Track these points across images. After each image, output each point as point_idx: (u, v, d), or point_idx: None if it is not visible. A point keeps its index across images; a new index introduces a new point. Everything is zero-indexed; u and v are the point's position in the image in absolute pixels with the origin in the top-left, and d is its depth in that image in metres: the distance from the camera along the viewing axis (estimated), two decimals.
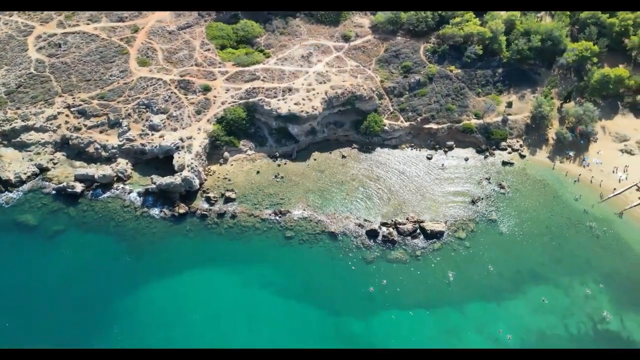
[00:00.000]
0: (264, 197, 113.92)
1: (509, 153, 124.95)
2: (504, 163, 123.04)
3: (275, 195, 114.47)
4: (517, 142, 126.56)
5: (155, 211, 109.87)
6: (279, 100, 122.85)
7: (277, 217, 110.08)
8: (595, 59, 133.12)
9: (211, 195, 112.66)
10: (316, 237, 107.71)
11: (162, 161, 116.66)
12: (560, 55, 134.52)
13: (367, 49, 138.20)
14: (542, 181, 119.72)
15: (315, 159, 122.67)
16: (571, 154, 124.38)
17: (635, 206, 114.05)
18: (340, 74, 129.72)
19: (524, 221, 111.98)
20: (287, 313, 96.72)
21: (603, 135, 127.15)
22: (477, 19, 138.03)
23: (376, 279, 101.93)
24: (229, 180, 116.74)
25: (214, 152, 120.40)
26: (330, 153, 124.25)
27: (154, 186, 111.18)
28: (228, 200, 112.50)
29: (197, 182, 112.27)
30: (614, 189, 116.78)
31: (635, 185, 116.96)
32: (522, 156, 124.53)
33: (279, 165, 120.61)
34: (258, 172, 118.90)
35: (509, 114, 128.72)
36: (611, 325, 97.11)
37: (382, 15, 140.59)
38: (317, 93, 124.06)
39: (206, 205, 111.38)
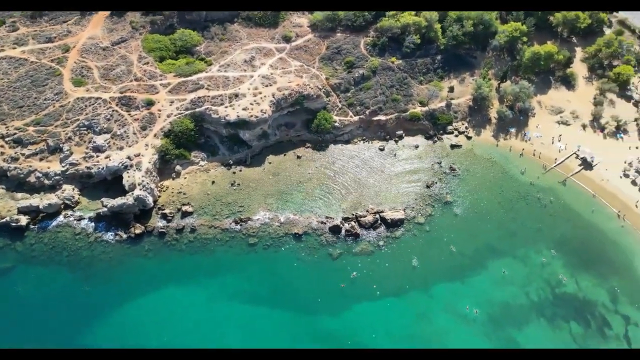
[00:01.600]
0: (222, 207, 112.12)
1: (456, 136, 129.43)
2: (453, 146, 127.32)
3: (234, 203, 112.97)
4: (463, 124, 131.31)
5: (109, 235, 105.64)
6: (226, 107, 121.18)
7: (239, 226, 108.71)
8: (524, 39, 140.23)
9: (167, 211, 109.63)
10: (280, 241, 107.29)
11: (111, 182, 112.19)
12: (492, 38, 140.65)
13: (309, 48, 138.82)
14: (489, 159, 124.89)
15: (270, 163, 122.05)
16: (513, 130, 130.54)
17: (576, 173, 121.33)
18: (285, 75, 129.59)
19: (477, 199, 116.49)
20: (260, 320, 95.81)
21: (540, 110, 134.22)
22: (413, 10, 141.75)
23: (345, 274, 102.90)
24: (184, 194, 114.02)
25: (165, 167, 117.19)
26: (284, 155, 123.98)
27: (105, 209, 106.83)
28: (185, 214, 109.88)
29: (150, 199, 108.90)
30: (555, 159, 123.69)
31: (574, 153, 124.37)
32: (469, 137, 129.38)
33: (234, 172, 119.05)
34: (213, 182, 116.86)
35: (452, 99, 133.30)
36: (568, 287, 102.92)
37: (319, 14, 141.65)
38: (265, 96, 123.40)
39: (163, 223, 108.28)
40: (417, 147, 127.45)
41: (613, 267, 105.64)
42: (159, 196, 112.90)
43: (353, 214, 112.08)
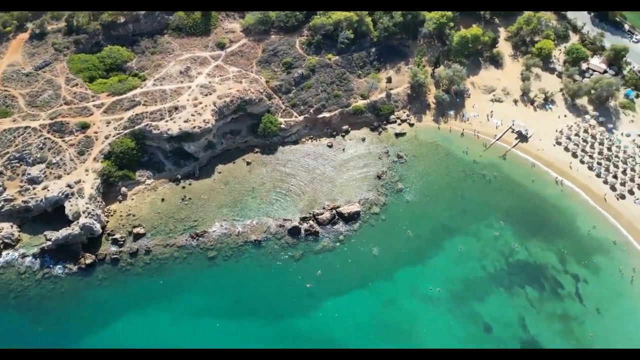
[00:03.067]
0: (175, 224, 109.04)
1: (399, 124, 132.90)
2: (397, 134, 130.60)
3: (188, 218, 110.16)
4: (404, 112, 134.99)
5: (58, 270, 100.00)
6: (166, 121, 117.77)
7: (195, 241, 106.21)
8: (451, 24, 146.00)
9: (118, 236, 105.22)
10: (240, 250, 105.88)
11: (52, 214, 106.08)
12: (421, 26, 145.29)
13: (244, 52, 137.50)
14: (433, 143, 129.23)
15: (220, 172, 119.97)
16: (451, 112, 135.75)
17: (514, 147, 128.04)
18: (224, 82, 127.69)
19: (426, 183, 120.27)
20: (230, 333, 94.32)
21: (474, 90, 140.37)
22: None
23: (310, 273, 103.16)
24: (134, 215, 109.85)
25: (110, 190, 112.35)
26: (233, 163, 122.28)
27: (49, 243, 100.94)
28: (137, 236, 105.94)
29: (98, 226, 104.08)
30: (495, 135, 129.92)
31: (510, 128, 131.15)
32: (411, 124, 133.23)
33: (183, 187, 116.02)
34: (163, 199, 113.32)
35: (391, 89, 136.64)
36: (520, 255, 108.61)
37: (251, 17, 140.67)
38: (206, 106, 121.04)
39: (115, 248, 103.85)
40: (363, 139, 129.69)
41: (558, 230, 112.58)
42: (107, 221, 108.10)
43: (310, 213, 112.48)
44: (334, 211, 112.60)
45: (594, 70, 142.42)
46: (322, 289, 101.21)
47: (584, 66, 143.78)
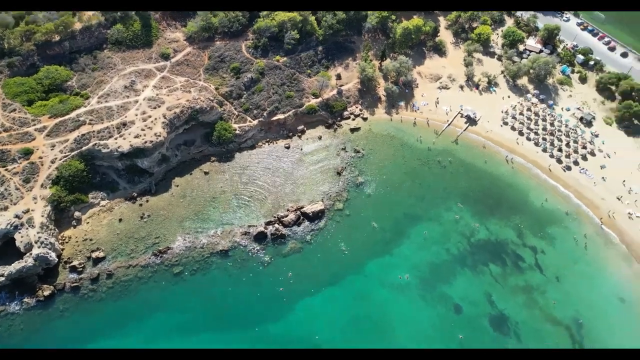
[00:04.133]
0: (136, 243, 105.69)
1: (353, 119, 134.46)
2: (352, 130, 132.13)
3: (149, 236, 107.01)
4: (357, 107, 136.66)
5: (14, 306, 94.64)
6: (116, 138, 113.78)
7: (159, 258, 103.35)
8: (393, 17, 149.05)
9: (76, 263, 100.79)
10: (207, 262, 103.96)
11: (2, 248, 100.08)
12: (364, 21, 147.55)
13: (190, 61, 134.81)
14: (387, 135, 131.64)
15: (177, 186, 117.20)
16: (402, 103, 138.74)
17: (464, 130, 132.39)
18: (172, 93, 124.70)
19: (385, 174, 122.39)
20: (205, 347, 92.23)
21: (421, 80, 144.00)
22: None
23: (281, 277, 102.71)
24: (91, 239, 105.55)
25: (62, 216, 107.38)
26: (191, 174, 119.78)
27: (2, 279, 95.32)
28: (97, 261, 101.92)
29: (53, 255, 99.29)
30: (446, 122, 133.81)
31: (459, 113, 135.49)
32: (365, 119, 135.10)
33: (140, 205, 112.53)
34: (120, 219, 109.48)
35: (341, 85, 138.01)
36: (480, 234, 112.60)
37: (194, 24, 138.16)
38: (155, 119, 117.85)
39: (74, 276, 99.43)
40: (320, 138, 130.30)
41: (513, 206, 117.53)
42: (63, 249, 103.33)
43: (275, 217, 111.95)
44: (298, 212, 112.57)
45: (530, 51, 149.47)
46: (295, 291, 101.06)
47: (521, 48, 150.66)
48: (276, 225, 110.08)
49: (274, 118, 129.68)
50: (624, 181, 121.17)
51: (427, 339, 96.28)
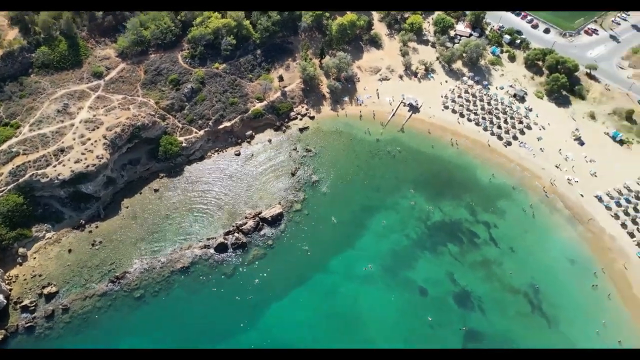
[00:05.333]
0: (90, 272, 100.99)
1: (301, 119, 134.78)
2: (301, 129, 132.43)
3: (103, 263, 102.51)
4: (303, 107, 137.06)
5: None
6: (54, 166, 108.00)
7: (117, 285, 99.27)
8: (327, 14, 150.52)
9: (27, 302, 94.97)
10: (168, 282, 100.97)
11: None
12: (299, 21, 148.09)
13: (125, 77, 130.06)
14: (336, 131, 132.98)
15: (127, 207, 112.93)
16: (346, 98, 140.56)
17: (409, 118, 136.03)
18: (110, 113, 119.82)
19: (338, 170, 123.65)
20: None
21: (362, 74, 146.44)
22: (216, 13, 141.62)
23: (248, 285, 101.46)
24: (40, 275, 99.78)
25: (5, 254, 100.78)
26: (140, 194, 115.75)
27: None
28: (50, 296, 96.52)
29: (0, 297, 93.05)
30: (390, 112, 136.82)
31: (402, 102, 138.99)
32: (312, 117, 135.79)
33: (90, 232, 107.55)
34: (70, 250, 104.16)
35: (285, 87, 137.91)
36: (435, 216, 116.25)
37: (124, 39, 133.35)
38: (95, 141, 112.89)
39: (27, 316, 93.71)
40: (270, 141, 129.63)
41: (463, 186, 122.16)
42: (11, 289, 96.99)
43: (234, 226, 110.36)
44: (257, 218, 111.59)
45: (461, 36, 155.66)
46: (264, 297, 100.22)
47: (452, 33, 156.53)
48: (236, 234, 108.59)
49: (221, 126, 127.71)
50: (560, 150, 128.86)
51: (398, 326, 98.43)
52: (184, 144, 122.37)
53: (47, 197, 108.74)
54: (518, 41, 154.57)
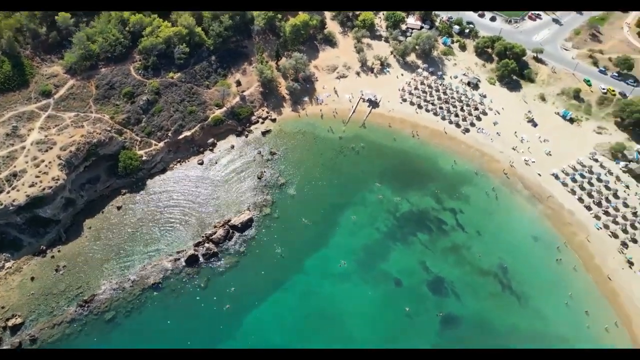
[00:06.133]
0: (57, 299, 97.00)
1: (262, 123, 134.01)
2: (264, 133, 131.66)
3: (69, 288, 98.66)
4: (263, 110, 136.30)
5: None
6: (8, 192, 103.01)
7: (86, 308, 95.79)
8: (279, 16, 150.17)
9: None
10: (140, 300, 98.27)
11: None
12: (252, 24, 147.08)
13: (76, 94, 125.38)
14: (299, 132, 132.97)
15: (90, 227, 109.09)
16: (306, 99, 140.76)
17: (369, 114, 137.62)
18: (63, 132, 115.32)
19: (305, 170, 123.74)
20: None
21: (319, 73, 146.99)
22: (166, 21, 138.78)
23: (223, 295, 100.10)
24: (3, 307, 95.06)
25: None
26: (102, 212, 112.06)
27: None
28: (15, 328, 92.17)
29: None
30: (350, 109, 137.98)
31: (361, 98, 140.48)
32: (274, 120, 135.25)
33: (52, 257, 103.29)
34: (33, 278, 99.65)
35: (243, 91, 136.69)
36: (403, 207, 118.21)
37: (71, 55, 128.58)
38: (50, 162, 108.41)
39: None
40: (233, 147, 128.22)
41: (427, 175, 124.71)
42: None
43: (203, 236, 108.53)
44: (226, 226, 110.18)
45: (412, 29, 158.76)
46: (240, 305, 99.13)
47: (404, 27, 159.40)
48: (206, 244, 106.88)
49: (181, 136, 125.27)
50: (515, 132, 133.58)
51: (377, 318, 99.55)
52: (144, 158, 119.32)
53: (3, 225, 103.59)
54: (467, 30, 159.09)
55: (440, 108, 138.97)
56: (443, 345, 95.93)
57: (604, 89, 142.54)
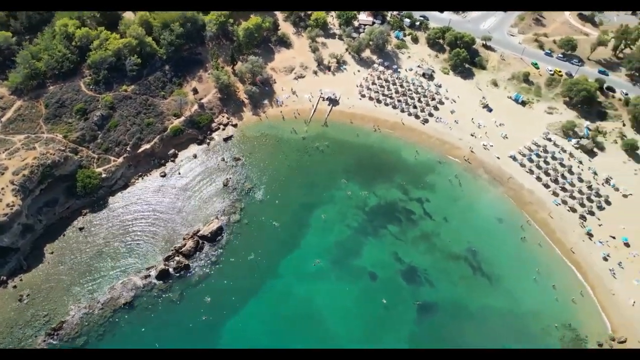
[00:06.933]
0: (23, 329, 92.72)
1: (223, 129, 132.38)
2: (225, 139, 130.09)
3: (35, 317, 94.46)
4: (223, 117, 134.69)
5: None
6: None
7: (55, 337, 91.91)
8: (231, 20, 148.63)
9: None
10: (112, 321, 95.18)
11: None
12: (204, 30, 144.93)
13: (24, 115, 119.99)
14: (261, 135, 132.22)
15: (52, 252, 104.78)
16: (266, 102, 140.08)
17: (330, 112, 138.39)
18: (14, 156, 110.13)
19: (271, 173, 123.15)
20: None
21: (277, 75, 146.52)
22: (115, 33, 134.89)
23: (199, 306, 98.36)
24: None
25: None
26: (64, 235, 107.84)
27: None
28: None
29: None
30: (311, 109, 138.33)
31: (320, 97, 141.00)
32: (235, 125, 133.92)
33: (14, 286, 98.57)
34: None
35: (201, 99, 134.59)
36: (371, 201, 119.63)
37: (17, 75, 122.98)
38: (2, 188, 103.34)
39: None
40: (195, 156, 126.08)
41: (391, 167, 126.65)
42: None
43: (173, 250, 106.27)
44: (195, 237, 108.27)
45: (364, 25, 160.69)
46: (218, 315, 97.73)
47: (356, 24, 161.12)
48: (176, 257, 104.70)
49: (140, 150, 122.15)
50: (472, 119, 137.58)
51: (355, 313, 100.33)
52: (103, 175, 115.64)
53: None
54: (418, 23, 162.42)
55: (399, 101, 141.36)
56: (422, 333, 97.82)
57: (551, 70, 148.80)
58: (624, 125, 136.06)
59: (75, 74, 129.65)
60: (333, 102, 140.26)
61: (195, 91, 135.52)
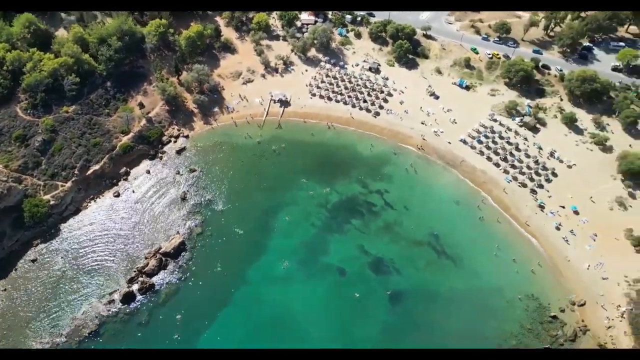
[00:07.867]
0: None
1: (175, 142, 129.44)
2: (178, 151, 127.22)
3: None
4: (173, 129, 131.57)
5: None
6: None
7: None
8: (171, 30, 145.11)
9: None
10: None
11: None
12: (143, 43, 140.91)
13: None
14: (215, 143, 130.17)
15: (4, 289, 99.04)
16: (216, 109, 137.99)
17: (282, 114, 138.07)
18: None
19: (229, 181, 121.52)
20: None
21: (224, 81, 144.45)
22: (49, 53, 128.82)
23: (170, 325, 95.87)
24: None
25: None
26: (15, 270, 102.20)
27: None
28: None
29: None
30: (263, 112, 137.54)
31: (271, 100, 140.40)
32: (186, 136, 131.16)
33: None
34: None
35: (148, 112, 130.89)
36: (332, 198, 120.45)
37: None
38: None
39: None
40: (148, 172, 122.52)
41: (349, 163, 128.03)
42: None
43: (135, 271, 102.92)
44: (158, 255, 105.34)
45: (307, 24, 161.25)
46: (190, 331, 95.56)
47: (299, 24, 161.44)
48: (140, 278, 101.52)
49: (89, 172, 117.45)
50: (421, 107, 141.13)
51: (329, 311, 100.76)
52: (52, 202, 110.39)
53: None
54: (359, 19, 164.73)
55: (349, 97, 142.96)
56: (396, 321, 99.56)
57: (489, 54, 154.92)
58: (561, 100, 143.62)
59: (11, 100, 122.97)
60: (284, 103, 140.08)
61: (141, 105, 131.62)
